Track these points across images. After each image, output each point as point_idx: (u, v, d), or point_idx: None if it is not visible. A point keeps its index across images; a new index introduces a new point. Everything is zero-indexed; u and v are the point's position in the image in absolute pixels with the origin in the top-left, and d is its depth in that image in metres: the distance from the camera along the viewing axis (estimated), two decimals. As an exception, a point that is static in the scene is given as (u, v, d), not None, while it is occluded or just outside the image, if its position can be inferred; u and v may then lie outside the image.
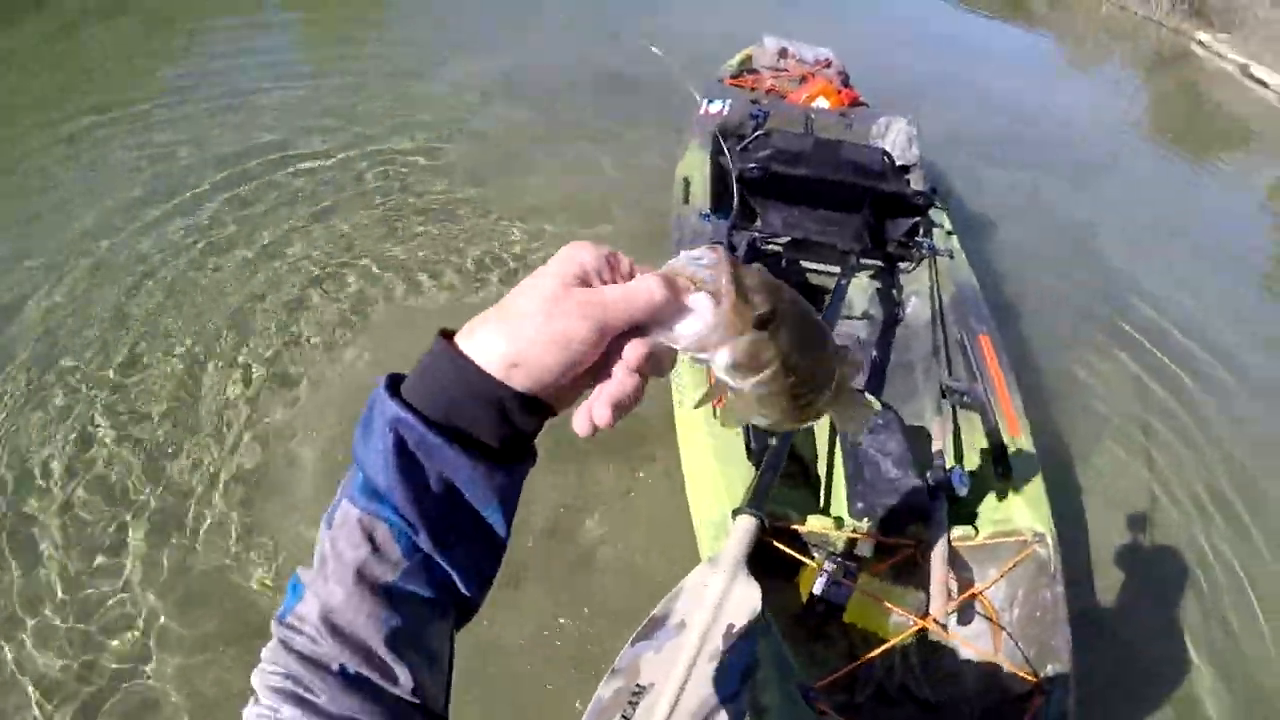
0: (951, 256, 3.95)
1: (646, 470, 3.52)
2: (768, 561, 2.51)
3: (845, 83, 5.80)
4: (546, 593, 3.01)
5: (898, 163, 4.26)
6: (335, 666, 0.59)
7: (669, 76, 6.43)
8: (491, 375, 0.57)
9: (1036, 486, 2.80)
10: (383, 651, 0.60)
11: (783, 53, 6.16)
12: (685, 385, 3.03)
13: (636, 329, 0.59)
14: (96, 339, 3.83)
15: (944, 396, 3.14)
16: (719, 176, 4.33)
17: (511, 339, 0.57)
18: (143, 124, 5.77)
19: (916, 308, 3.89)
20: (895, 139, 4.68)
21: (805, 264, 4.05)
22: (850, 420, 0.78)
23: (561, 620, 2.92)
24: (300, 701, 0.59)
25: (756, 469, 2.47)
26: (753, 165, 3.82)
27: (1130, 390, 4.75)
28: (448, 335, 0.60)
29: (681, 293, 0.59)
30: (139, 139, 5.58)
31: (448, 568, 0.62)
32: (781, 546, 2.44)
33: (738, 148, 4.19)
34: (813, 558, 2.57)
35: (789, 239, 3.92)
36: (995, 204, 6.47)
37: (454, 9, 9.50)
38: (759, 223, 3.93)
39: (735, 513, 2.19)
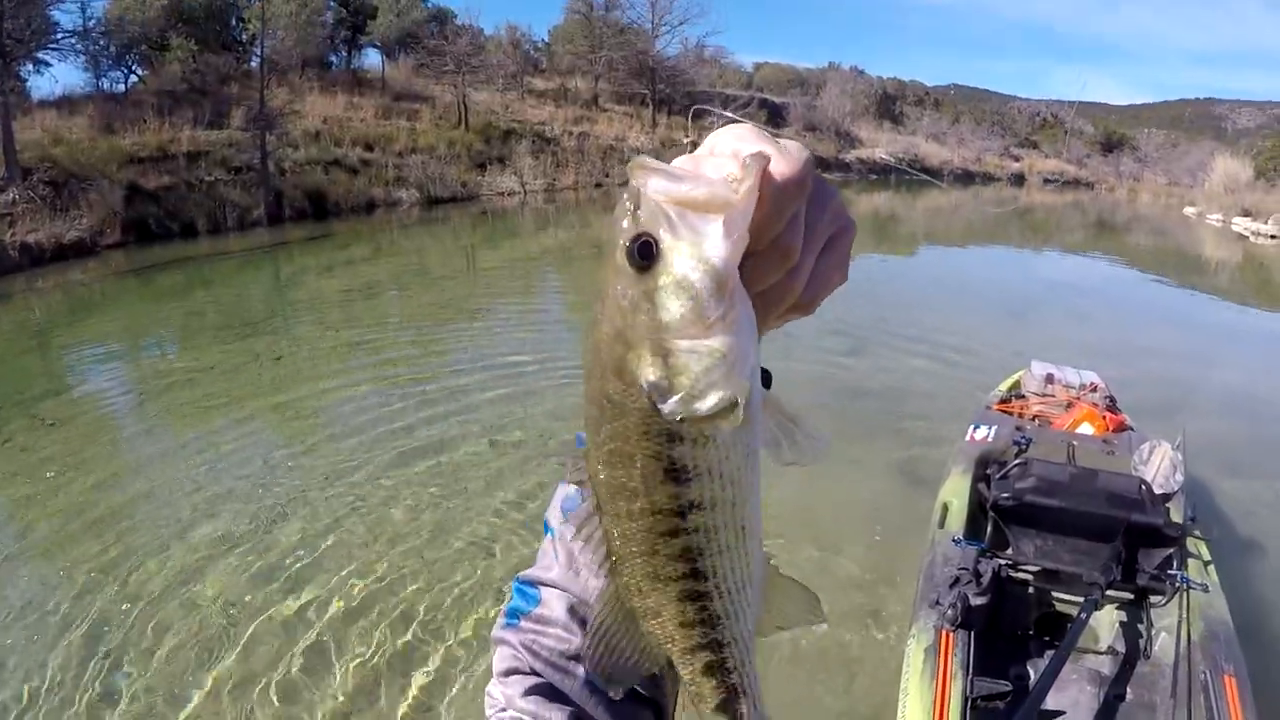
0: (1206, 590, 3.88)
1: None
2: None
3: (1111, 407, 6.07)
4: None
5: (1158, 490, 4.28)
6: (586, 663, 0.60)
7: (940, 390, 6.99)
8: None
9: None
10: None
11: (1049, 378, 6.56)
12: (910, 703, 3.28)
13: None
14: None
15: None
16: (977, 502, 4.63)
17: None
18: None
19: (1165, 644, 3.81)
20: (1159, 465, 4.67)
21: (1055, 593, 4.17)
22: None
23: None
24: (554, 696, 0.61)
25: None
26: (1007, 495, 4.12)
27: None
28: None
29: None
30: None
31: None
32: None
33: (998, 475, 4.47)
34: None
35: (1039, 568, 4.11)
36: (1257, 525, 6.27)
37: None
38: (1010, 550, 4.19)
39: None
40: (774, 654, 4.48)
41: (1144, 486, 4.23)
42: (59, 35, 21.08)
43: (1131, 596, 4.10)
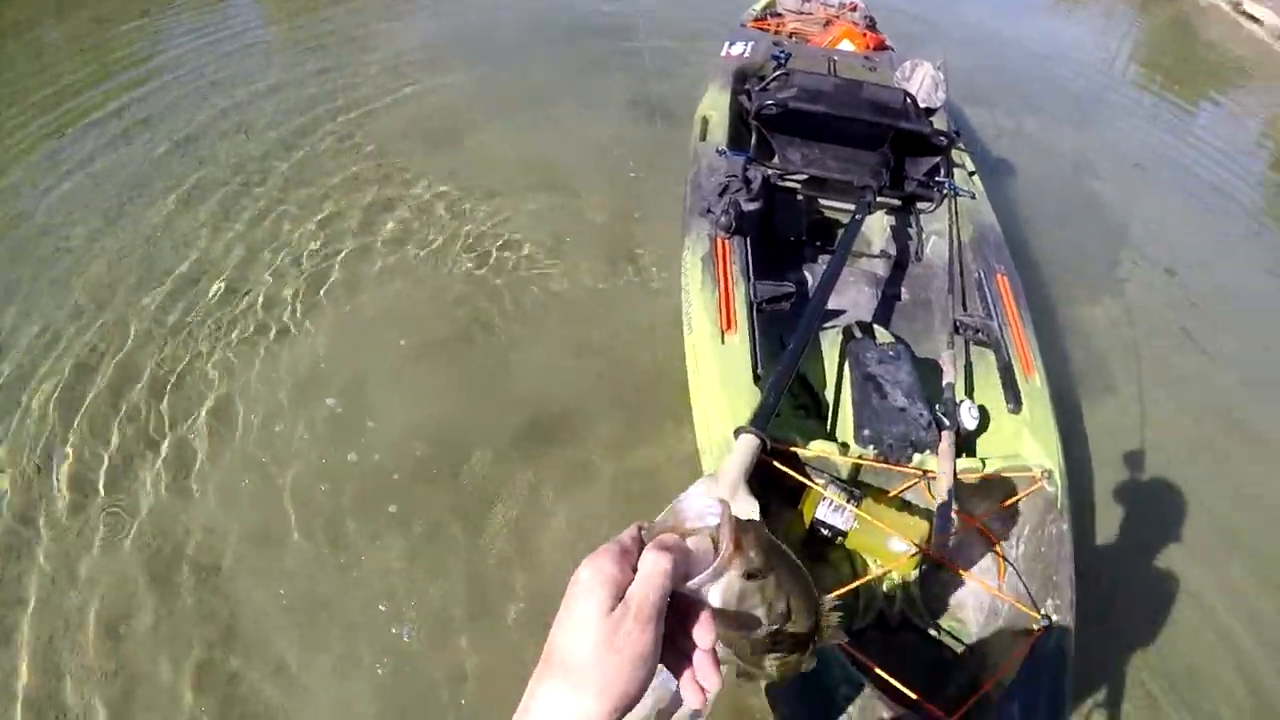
0: (973, 197, 3.90)
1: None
2: (771, 485, 2.52)
3: (871, 26, 5.73)
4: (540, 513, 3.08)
5: (922, 104, 4.17)
6: None
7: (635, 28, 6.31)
8: None
9: (1047, 424, 2.79)
10: None
11: (806, -4, 6.07)
12: (695, 312, 3.02)
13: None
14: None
15: (957, 332, 3.12)
16: (738, 114, 4.31)
17: (599, 692, 0.59)
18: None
19: (936, 247, 3.88)
20: (921, 82, 4.54)
21: (823, 201, 4.02)
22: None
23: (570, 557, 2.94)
24: None
25: (762, 393, 2.48)
26: (771, 104, 3.77)
27: (1136, 330, 4.79)
28: None
29: (688, 552, 0.66)
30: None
31: None
32: (783, 468, 2.43)
33: (758, 87, 4.14)
34: (816, 483, 2.57)
35: (807, 176, 3.89)
36: (1003, 147, 6.49)
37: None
38: (776, 159, 3.89)
39: (737, 431, 2.20)
40: (544, 310, 4.02)
41: (909, 98, 4.05)
42: None
43: (900, 203, 4.04)
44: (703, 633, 0.66)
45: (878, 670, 2.06)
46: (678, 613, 0.65)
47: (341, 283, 3.99)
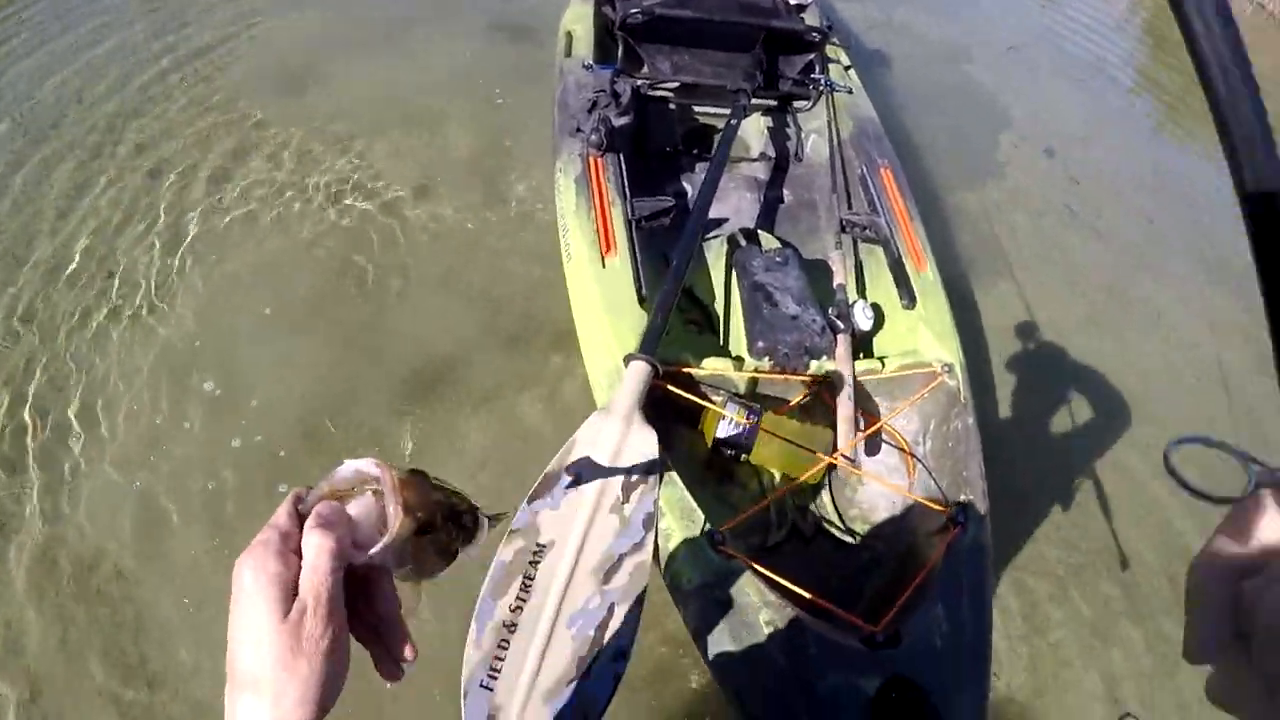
0: (850, 92, 3.81)
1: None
2: (668, 408, 2.42)
3: (735, -75, 5.52)
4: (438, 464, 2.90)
5: (793, 2, 4.05)
6: None
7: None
8: None
9: (943, 318, 2.74)
10: None
11: (666, -104, 5.80)
12: (572, 237, 2.86)
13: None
14: None
15: (844, 231, 3.05)
16: (602, 26, 4.11)
17: (299, 700, 0.57)
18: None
19: (816, 145, 3.77)
20: None
21: (697, 108, 3.88)
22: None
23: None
24: None
25: (649, 315, 2.36)
26: (636, 11, 3.59)
27: (1021, 212, 4.84)
28: None
29: (350, 520, 0.64)
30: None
31: None
32: (678, 391, 2.33)
33: None
34: (714, 402, 2.48)
35: (678, 84, 3.75)
36: (876, 38, 6.40)
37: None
38: (645, 69, 3.73)
39: (627, 359, 2.09)
40: (418, 254, 3.80)
41: (778, -5, 3.93)
42: None
43: (776, 103, 3.93)
44: (386, 604, 0.66)
45: (794, 587, 1.99)
46: (356, 582, 0.64)
47: (203, 250, 3.66)
